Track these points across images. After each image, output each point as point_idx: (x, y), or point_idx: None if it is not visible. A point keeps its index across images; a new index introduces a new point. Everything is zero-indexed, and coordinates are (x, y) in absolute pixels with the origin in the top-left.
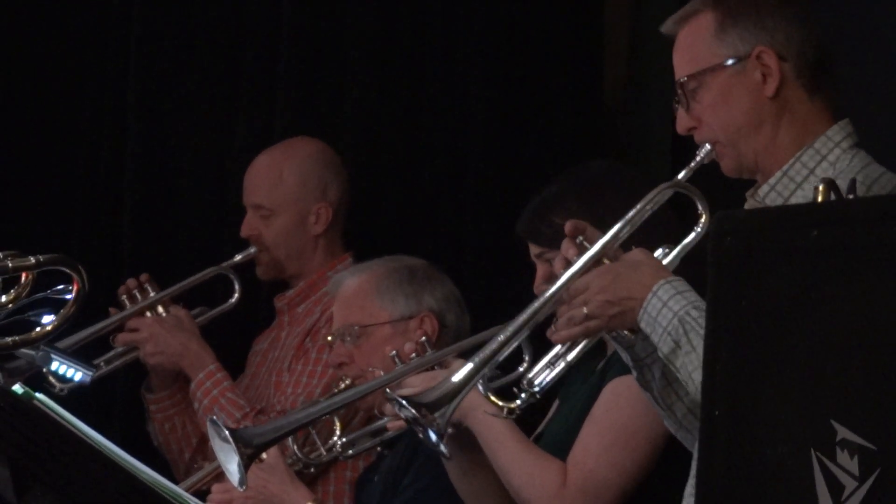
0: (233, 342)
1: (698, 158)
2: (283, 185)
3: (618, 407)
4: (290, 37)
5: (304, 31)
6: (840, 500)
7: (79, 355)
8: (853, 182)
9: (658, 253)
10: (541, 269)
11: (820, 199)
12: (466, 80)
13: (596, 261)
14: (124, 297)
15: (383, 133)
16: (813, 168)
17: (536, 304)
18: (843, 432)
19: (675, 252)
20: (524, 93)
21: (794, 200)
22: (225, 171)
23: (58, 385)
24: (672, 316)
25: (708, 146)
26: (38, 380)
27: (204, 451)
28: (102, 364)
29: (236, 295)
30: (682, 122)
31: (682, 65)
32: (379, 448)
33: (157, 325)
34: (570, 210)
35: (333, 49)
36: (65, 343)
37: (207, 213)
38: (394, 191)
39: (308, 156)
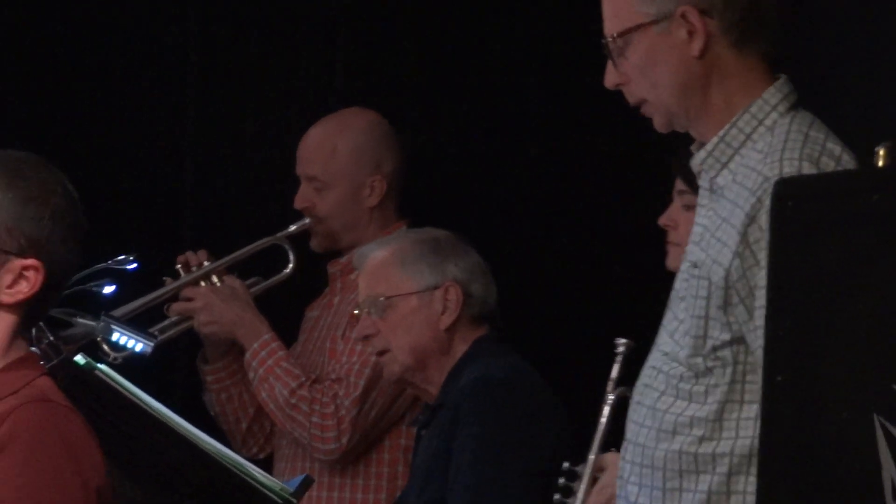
0: (285, 312)
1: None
2: (337, 158)
3: None
4: (349, 2)
5: None
6: None
7: (138, 325)
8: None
9: None
10: (674, 205)
11: (881, 163)
12: (527, 50)
13: None
14: (179, 266)
15: (439, 102)
16: (749, 133)
17: None
18: None
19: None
20: (584, 63)
21: (732, 166)
22: (281, 139)
23: (112, 354)
24: None
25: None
26: (93, 348)
27: (261, 420)
28: (157, 333)
29: (291, 265)
30: (611, 78)
31: (609, 21)
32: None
33: (211, 295)
34: None
35: (392, 14)
36: (119, 311)
37: (264, 182)
38: (449, 160)
39: (362, 128)
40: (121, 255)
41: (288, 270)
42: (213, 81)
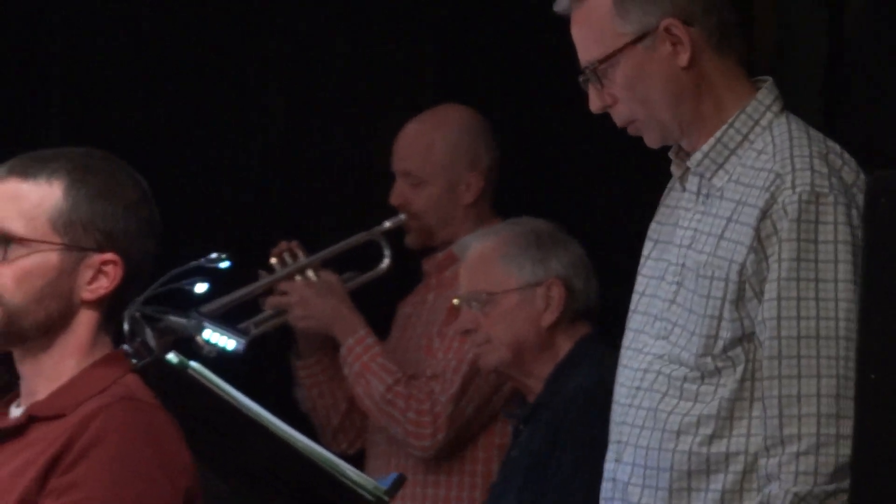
0: (377, 308)
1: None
2: (433, 155)
3: None
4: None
5: None
6: None
7: (230, 323)
8: None
9: None
10: None
11: None
12: None
13: None
14: (274, 260)
15: (533, 99)
16: (746, 133)
17: None
18: None
19: None
20: None
21: (728, 167)
22: (374, 135)
23: (206, 347)
24: None
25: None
26: (187, 342)
27: (351, 416)
28: (252, 327)
29: (386, 261)
30: (595, 103)
31: (587, 47)
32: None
33: (307, 289)
34: None
35: (483, 12)
36: (214, 304)
37: (357, 178)
38: (545, 156)
39: (460, 125)
40: (213, 253)
41: (383, 266)
42: (302, 76)
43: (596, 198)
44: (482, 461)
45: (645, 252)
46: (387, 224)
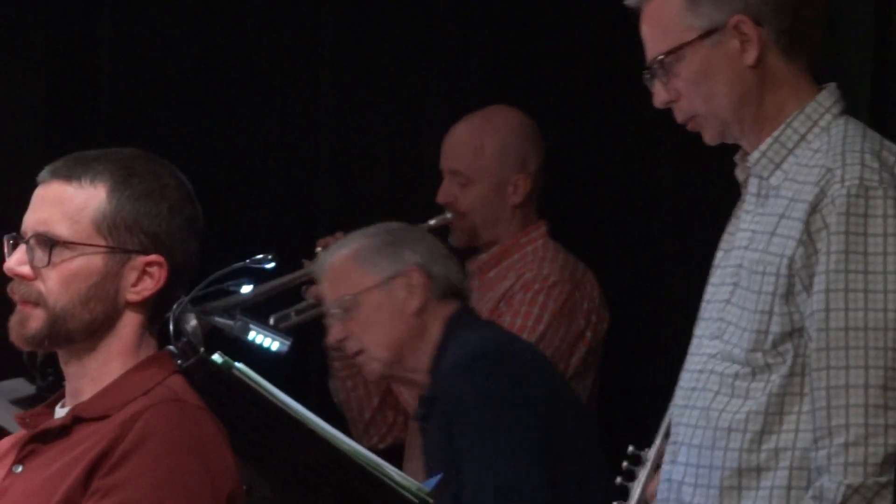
0: None
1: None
2: (483, 155)
3: None
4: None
5: None
6: None
7: (275, 327)
8: None
9: None
10: None
11: None
12: None
13: None
14: (319, 249)
15: (578, 101)
16: (804, 133)
17: None
18: None
19: None
20: None
21: (785, 166)
22: (420, 133)
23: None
24: None
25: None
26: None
27: (384, 410)
28: (293, 314)
29: None
30: (660, 97)
31: (655, 41)
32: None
33: None
34: None
35: (528, 12)
36: (257, 290)
37: (402, 175)
38: (590, 156)
39: (510, 127)
40: (258, 254)
41: None
42: (351, 73)
43: (638, 201)
44: None
45: (714, 262)
46: (431, 222)
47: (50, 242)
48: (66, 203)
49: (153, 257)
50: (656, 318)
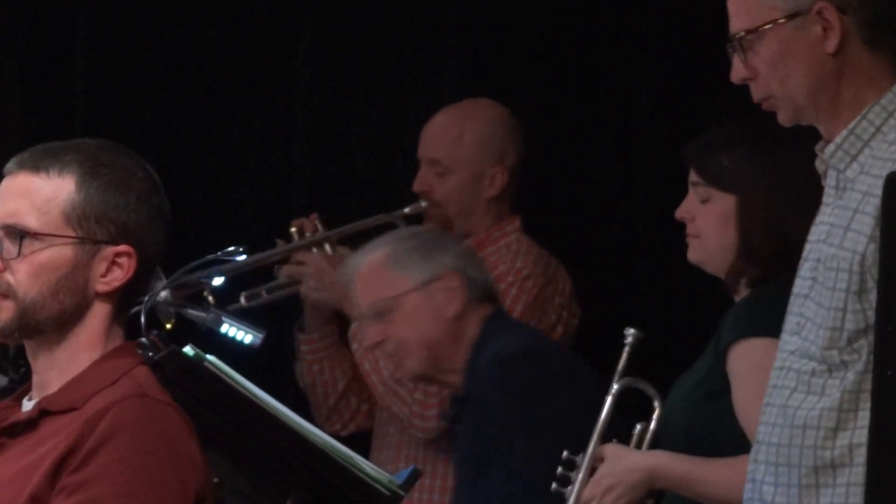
0: None
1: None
2: (462, 145)
3: (759, 368)
4: None
5: None
6: None
7: (247, 317)
8: None
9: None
10: (689, 196)
11: None
12: (638, 38)
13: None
14: (293, 229)
15: (555, 94)
16: (880, 125)
17: None
18: None
19: None
20: (698, 55)
21: (861, 159)
22: (397, 121)
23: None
24: None
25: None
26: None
27: (348, 397)
28: (264, 292)
29: None
30: (738, 73)
31: (739, 16)
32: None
33: (323, 262)
34: (740, 157)
35: (507, 3)
36: (229, 266)
37: (378, 163)
38: (564, 153)
39: (491, 119)
40: (230, 246)
41: None
42: (324, 63)
43: (616, 197)
44: None
45: (803, 254)
46: (406, 210)
47: (20, 234)
48: (35, 194)
49: (122, 248)
50: (627, 313)
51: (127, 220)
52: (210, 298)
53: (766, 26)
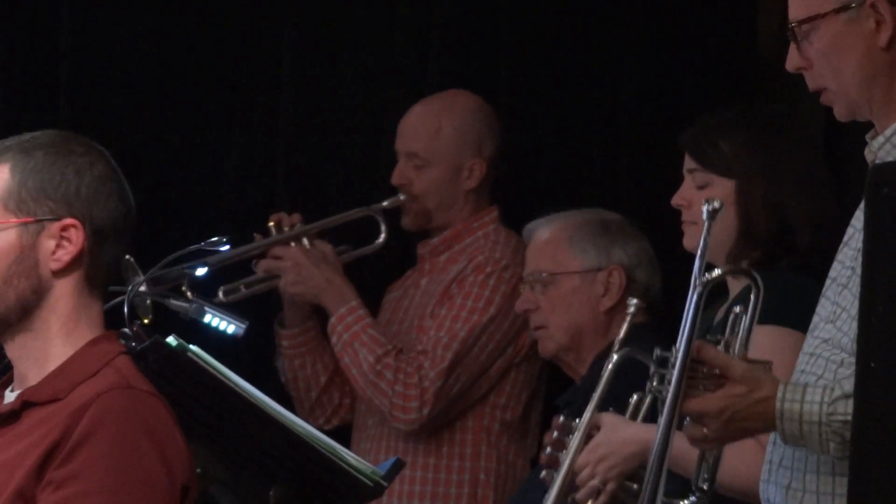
0: (364, 291)
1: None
2: (440, 137)
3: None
4: None
5: None
6: None
7: (231, 308)
8: None
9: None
10: (685, 183)
11: None
12: (620, 32)
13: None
14: (272, 224)
15: (536, 85)
16: None
17: None
18: None
19: None
20: (679, 48)
21: None
22: (377, 115)
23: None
24: None
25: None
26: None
27: (330, 391)
28: (242, 287)
29: (382, 236)
30: (793, 61)
31: (795, 5)
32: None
33: (301, 256)
34: (738, 142)
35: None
36: (213, 258)
37: (357, 157)
38: (544, 144)
39: (468, 110)
40: (214, 236)
41: (380, 241)
42: (307, 57)
43: (595, 190)
44: (471, 443)
45: (844, 238)
46: (385, 203)
47: None
48: None
49: (66, 221)
50: None
51: (66, 192)
52: (189, 294)
53: (819, 17)
